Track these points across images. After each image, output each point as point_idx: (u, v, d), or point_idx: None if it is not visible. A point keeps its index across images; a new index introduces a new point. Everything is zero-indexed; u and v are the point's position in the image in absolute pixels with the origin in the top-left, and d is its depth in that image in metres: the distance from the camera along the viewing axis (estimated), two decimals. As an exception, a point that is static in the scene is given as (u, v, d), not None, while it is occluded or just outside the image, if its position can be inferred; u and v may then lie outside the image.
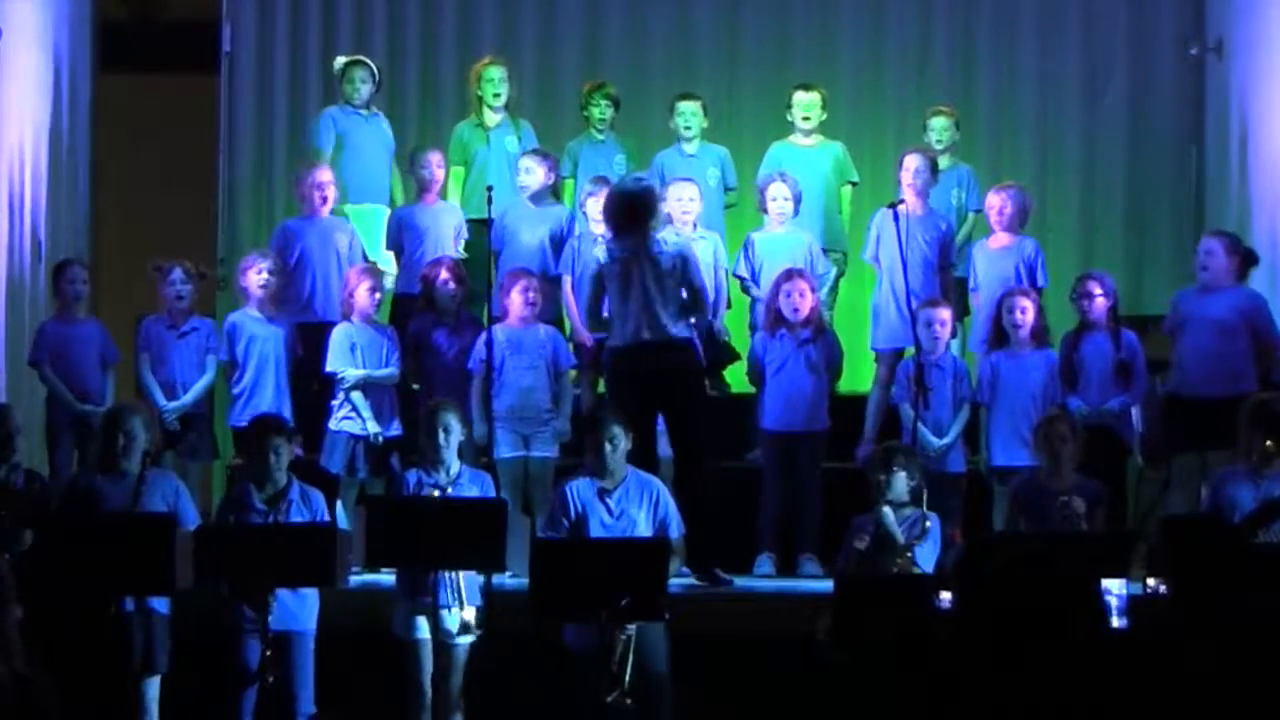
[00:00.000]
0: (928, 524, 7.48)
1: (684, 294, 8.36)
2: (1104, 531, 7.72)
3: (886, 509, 7.53)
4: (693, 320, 8.42)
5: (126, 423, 7.46)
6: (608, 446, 7.37)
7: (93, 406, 8.87)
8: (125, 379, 9.31)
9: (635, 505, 7.36)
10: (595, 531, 7.31)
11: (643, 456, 7.84)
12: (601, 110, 10.10)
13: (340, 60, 10.30)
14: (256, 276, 9.06)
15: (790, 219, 9.58)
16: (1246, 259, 9.03)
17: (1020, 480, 8.19)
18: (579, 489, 7.39)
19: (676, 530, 7.43)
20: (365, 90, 10.14)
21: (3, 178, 9.66)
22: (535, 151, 9.80)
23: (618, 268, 8.35)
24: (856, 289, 10.34)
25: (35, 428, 9.30)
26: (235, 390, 9.01)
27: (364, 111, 10.15)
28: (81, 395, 8.99)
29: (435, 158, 9.79)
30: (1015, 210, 9.54)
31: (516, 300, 8.93)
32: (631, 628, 6.79)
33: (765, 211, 9.66)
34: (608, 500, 7.37)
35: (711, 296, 9.12)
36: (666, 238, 8.47)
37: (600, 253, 8.48)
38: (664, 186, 9.72)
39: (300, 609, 7.26)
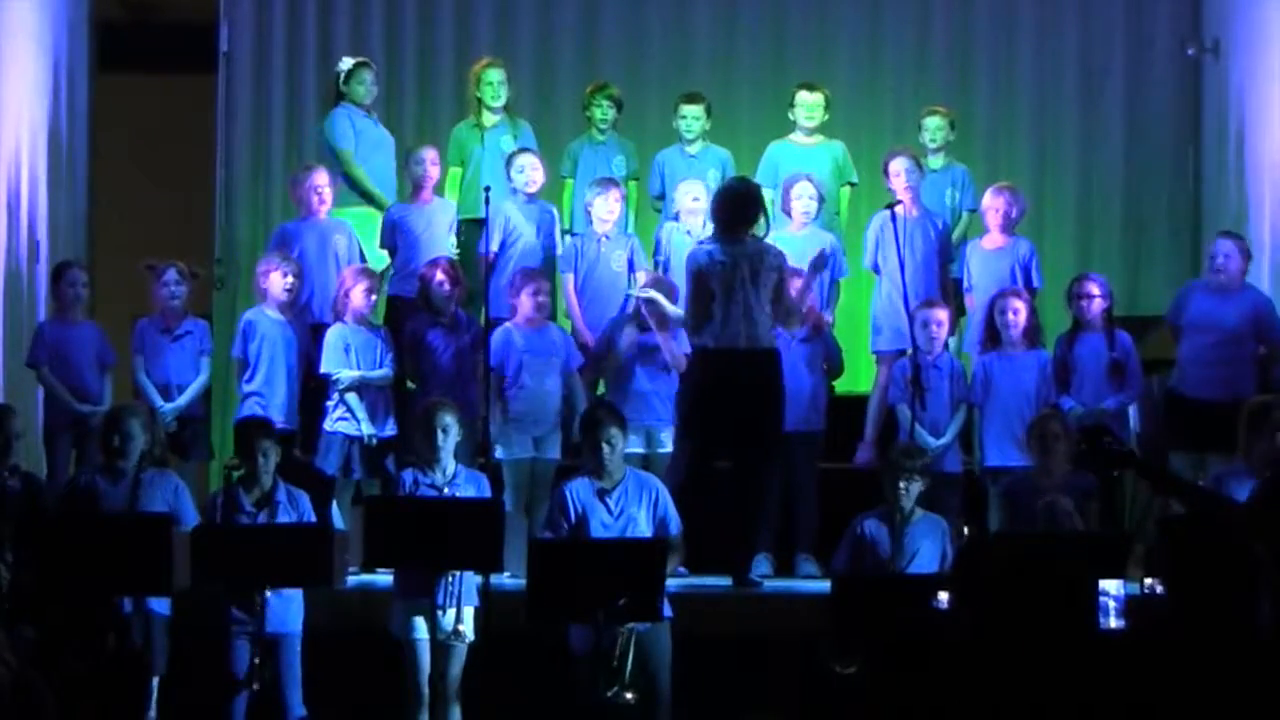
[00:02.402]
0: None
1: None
2: (1101, 532, 7.74)
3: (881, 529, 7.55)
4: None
5: (125, 424, 7.47)
6: (606, 448, 7.37)
7: (90, 408, 8.87)
8: (123, 380, 9.30)
9: (635, 504, 7.37)
10: (596, 532, 7.31)
11: (701, 459, 7.89)
12: (603, 111, 10.09)
13: (347, 61, 10.25)
14: (281, 280, 9.01)
15: (812, 220, 9.54)
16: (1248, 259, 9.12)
17: (1011, 480, 8.22)
18: (578, 490, 7.39)
19: (675, 528, 7.42)
20: (374, 91, 10.13)
21: (1, 178, 9.66)
22: (531, 150, 9.80)
23: (720, 269, 8.32)
24: (854, 291, 10.33)
25: (32, 429, 9.31)
26: (246, 389, 8.95)
27: (369, 114, 10.13)
28: (79, 397, 8.98)
29: (430, 155, 9.77)
30: (1018, 213, 9.55)
31: (526, 302, 8.91)
32: (633, 623, 6.83)
33: (788, 212, 9.55)
34: (607, 500, 7.37)
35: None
36: (769, 245, 8.48)
37: (702, 252, 8.42)
38: (664, 185, 9.75)
39: (286, 611, 7.27)
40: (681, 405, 8.51)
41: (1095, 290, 8.94)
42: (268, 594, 7.00)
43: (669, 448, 8.67)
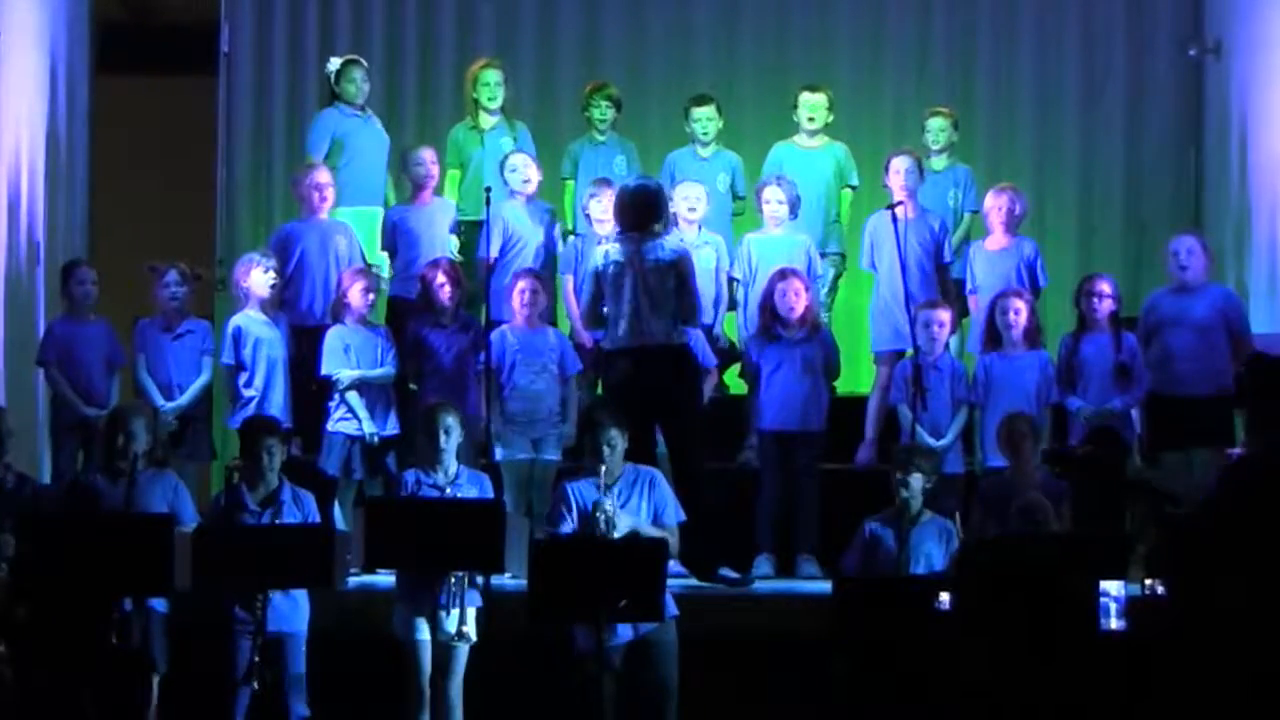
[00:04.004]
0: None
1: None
2: (1102, 533, 7.73)
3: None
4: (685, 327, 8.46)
5: (129, 423, 7.45)
6: (606, 449, 7.34)
7: (96, 410, 8.84)
8: (126, 380, 9.29)
9: (636, 496, 7.35)
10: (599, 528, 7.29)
11: (640, 457, 7.83)
12: (602, 111, 10.10)
13: (335, 61, 10.26)
14: (263, 277, 9.02)
15: (787, 221, 9.57)
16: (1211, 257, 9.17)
17: (988, 481, 8.23)
18: (580, 488, 7.36)
19: (672, 518, 7.38)
20: (364, 89, 10.13)
21: (1, 178, 9.65)
22: (524, 151, 9.80)
23: (613, 270, 8.37)
24: (855, 291, 10.33)
25: (32, 428, 9.30)
26: (246, 394, 8.92)
27: (361, 113, 10.13)
28: (85, 398, 8.96)
29: (429, 155, 9.78)
30: (1021, 211, 9.56)
31: (515, 301, 8.96)
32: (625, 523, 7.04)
33: (762, 214, 9.65)
34: (609, 497, 7.34)
35: (712, 300, 9.19)
36: (666, 242, 8.48)
37: (600, 254, 8.50)
38: (674, 186, 9.71)
39: (292, 611, 7.26)
40: None
41: (1106, 289, 8.94)
42: (274, 594, 7.00)
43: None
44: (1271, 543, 5.21)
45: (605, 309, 8.43)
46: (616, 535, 7.19)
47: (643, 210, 8.45)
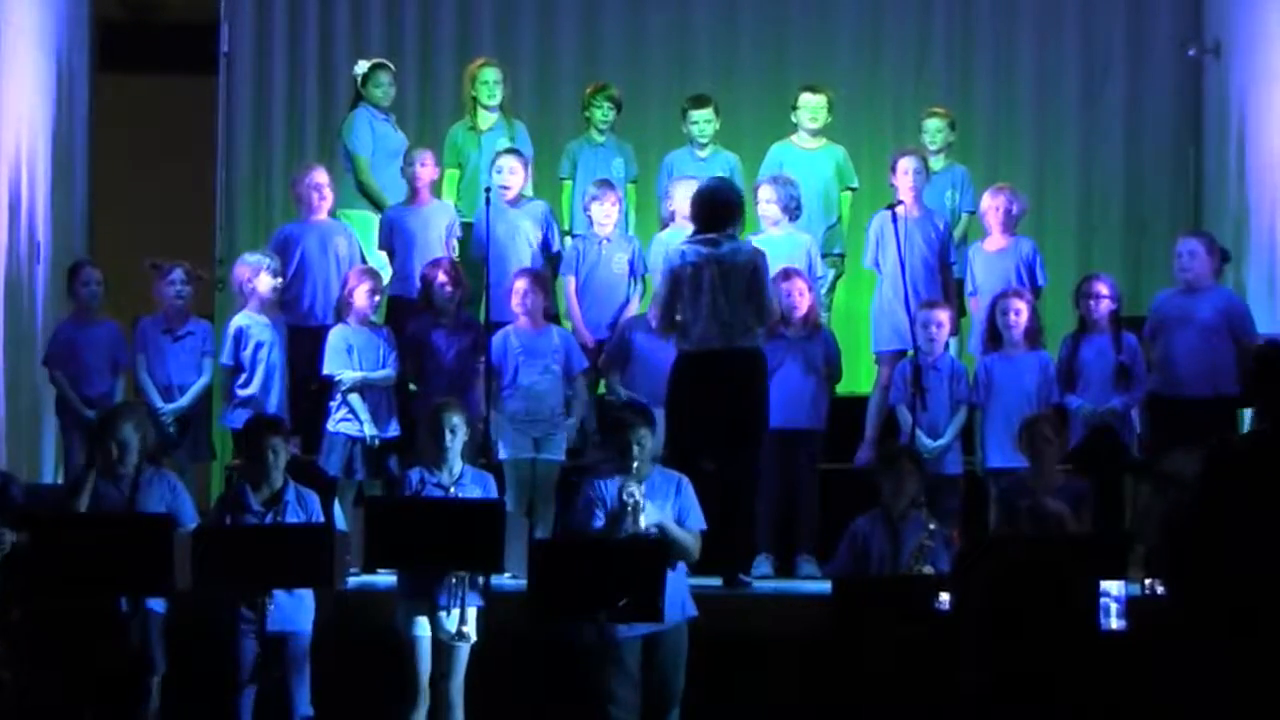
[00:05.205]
0: (929, 542, 7.39)
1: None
2: (1102, 533, 7.73)
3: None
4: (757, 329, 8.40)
5: (118, 430, 7.42)
6: (636, 448, 7.28)
7: (98, 412, 8.83)
8: (129, 380, 9.29)
9: (661, 497, 7.31)
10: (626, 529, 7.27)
11: (688, 462, 7.82)
12: (604, 112, 10.09)
13: (363, 64, 10.28)
14: (270, 279, 9.01)
15: (786, 222, 9.53)
16: (1222, 258, 9.11)
17: (1007, 482, 8.22)
18: (607, 486, 7.30)
19: (696, 524, 7.36)
20: (391, 93, 10.16)
21: (1, 178, 9.65)
22: (514, 151, 9.77)
23: (690, 270, 8.31)
24: (855, 291, 10.34)
25: (33, 427, 9.30)
26: (242, 394, 8.93)
27: (388, 116, 10.17)
28: (87, 398, 8.95)
29: (425, 157, 9.78)
30: (1019, 210, 9.56)
31: (514, 301, 8.96)
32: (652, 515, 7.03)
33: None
34: (637, 484, 7.29)
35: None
36: (743, 244, 8.45)
37: (675, 254, 8.42)
38: (673, 185, 9.69)
39: (296, 610, 7.26)
40: (666, 409, 8.46)
41: (1104, 290, 8.94)
42: (279, 593, 7.01)
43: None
44: (1259, 527, 5.21)
45: (679, 314, 8.34)
46: (644, 525, 7.16)
47: (723, 209, 8.41)
